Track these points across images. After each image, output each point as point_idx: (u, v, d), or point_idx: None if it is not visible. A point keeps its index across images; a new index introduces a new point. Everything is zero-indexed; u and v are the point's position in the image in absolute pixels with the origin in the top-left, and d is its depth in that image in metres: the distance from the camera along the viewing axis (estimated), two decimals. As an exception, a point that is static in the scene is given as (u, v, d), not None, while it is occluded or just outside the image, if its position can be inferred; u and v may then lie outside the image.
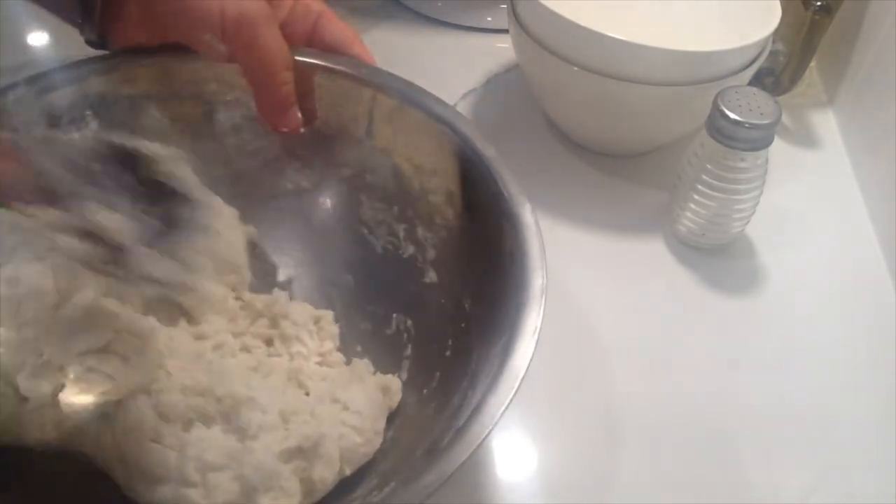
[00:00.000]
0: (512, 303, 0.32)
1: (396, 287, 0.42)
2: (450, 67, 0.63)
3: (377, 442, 0.37)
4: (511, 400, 0.29)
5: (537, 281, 0.33)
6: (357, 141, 0.42)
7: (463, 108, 0.59)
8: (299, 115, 0.40)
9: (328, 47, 0.41)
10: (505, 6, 0.54)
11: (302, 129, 0.40)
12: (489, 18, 0.66)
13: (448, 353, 0.38)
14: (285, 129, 0.40)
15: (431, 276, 0.41)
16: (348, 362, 0.40)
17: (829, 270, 0.50)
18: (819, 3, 0.53)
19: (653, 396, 0.43)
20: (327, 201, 0.44)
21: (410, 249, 0.42)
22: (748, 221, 0.49)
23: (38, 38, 0.58)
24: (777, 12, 0.49)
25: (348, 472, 0.36)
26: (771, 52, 0.52)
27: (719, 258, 0.50)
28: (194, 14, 0.37)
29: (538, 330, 0.31)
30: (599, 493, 0.39)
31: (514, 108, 0.60)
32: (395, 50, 0.64)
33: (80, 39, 0.40)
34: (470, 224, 0.39)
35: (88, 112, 0.39)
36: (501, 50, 0.63)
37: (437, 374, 0.38)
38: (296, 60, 0.39)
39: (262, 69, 0.38)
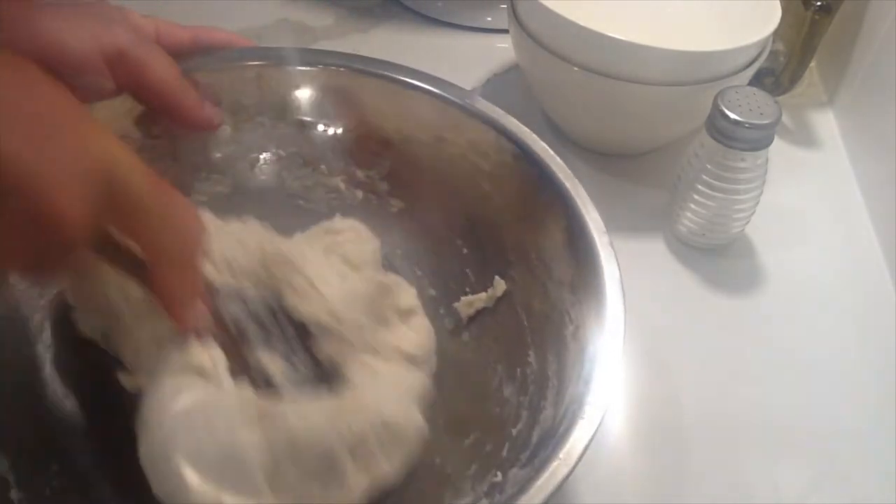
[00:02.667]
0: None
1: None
2: (450, 67, 0.62)
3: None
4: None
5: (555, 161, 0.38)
6: (253, 123, 0.42)
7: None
8: (215, 108, 0.40)
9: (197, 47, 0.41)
10: (505, 6, 0.54)
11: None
12: (489, 18, 0.66)
13: (465, 251, 0.41)
14: (216, 123, 0.40)
15: (397, 204, 0.43)
16: None
17: (829, 270, 0.50)
18: (819, 3, 0.53)
19: (652, 395, 0.43)
20: (249, 192, 0.43)
21: (359, 195, 0.43)
22: (748, 221, 0.49)
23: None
24: (777, 12, 0.49)
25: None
26: (771, 52, 0.52)
27: (719, 258, 0.50)
28: (66, 60, 0.34)
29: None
30: (599, 492, 0.39)
31: (514, 108, 0.59)
32: (395, 50, 0.64)
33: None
34: (418, 140, 0.41)
35: None
36: (501, 50, 0.63)
37: (468, 270, 0.40)
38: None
39: (162, 85, 0.37)
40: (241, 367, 0.34)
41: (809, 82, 0.62)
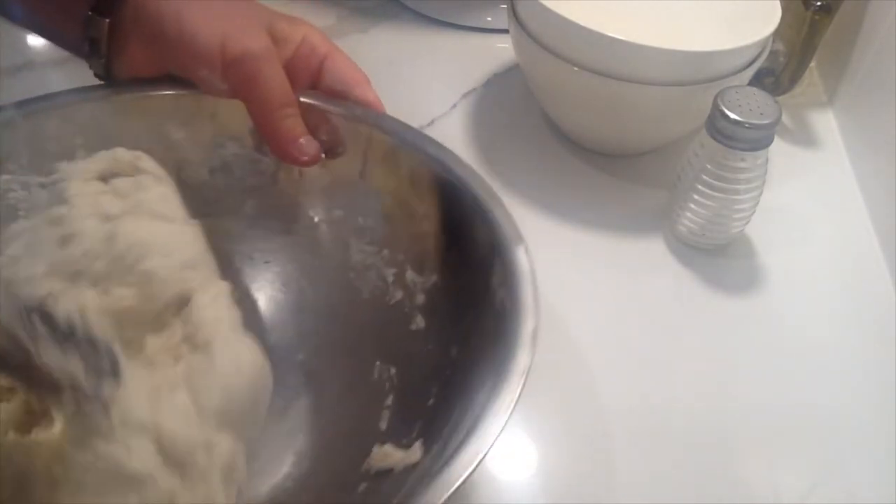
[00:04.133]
0: (499, 348, 0.31)
1: (381, 334, 0.41)
2: (450, 67, 0.63)
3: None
4: (490, 447, 0.28)
5: (528, 326, 0.31)
6: (350, 182, 0.41)
7: (463, 108, 0.59)
8: (313, 145, 0.38)
9: (333, 90, 0.40)
10: (505, 6, 0.54)
11: (323, 156, 0.39)
12: (489, 18, 0.66)
13: (431, 402, 0.36)
14: (303, 160, 0.38)
15: (419, 323, 0.39)
16: None
17: (829, 270, 0.50)
18: (819, 3, 0.53)
19: (652, 396, 0.43)
20: (315, 244, 0.43)
21: (398, 295, 0.40)
22: (748, 221, 0.49)
23: (38, 39, 0.58)
24: (777, 12, 0.49)
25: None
26: (771, 52, 0.52)
27: (719, 258, 0.50)
28: (193, 50, 0.37)
29: (526, 373, 0.29)
30: (599, 492, 0.39)
31: (514, 108, 0.60)
32: (395, 50, 0.64)
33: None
34: (462, 268, 0.37)
35: (79, 140, 0.38)
36: (501, 50, 0.63)
37: (419, 423, 0.36)
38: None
39: (263, 105, 0.37)
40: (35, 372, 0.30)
41: (809, 82, 0.63)
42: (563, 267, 0.46)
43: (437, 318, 0.39)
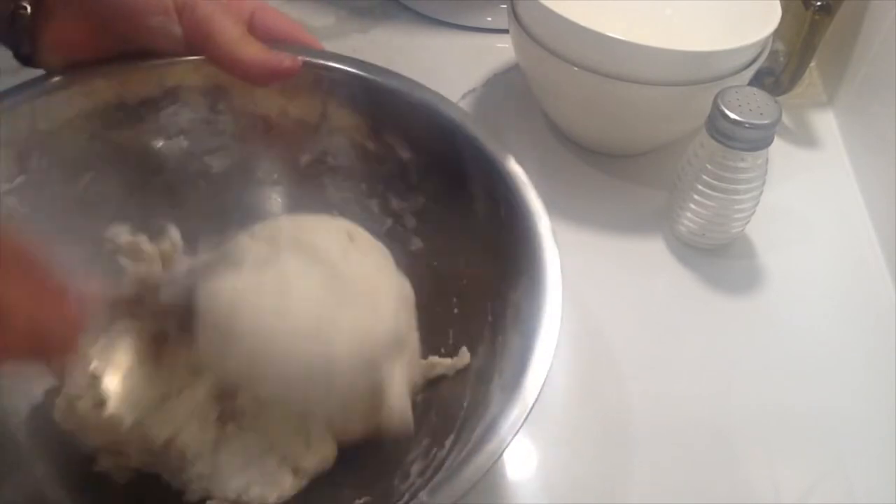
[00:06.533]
0: (518, 250, 0.33)
1: None
2: (450, 67, 0.63)
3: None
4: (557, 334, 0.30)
5: (542, 223, 0.33)
6: (312, 126, 0.42)
7: (463, 107, 0.59)
8: (284, 54, 0.38)
9: (271, 38, 0.40)
10: (505, 6, 0.54)
11: (301, 62, 0.39)
12: (489, 18, 0.66)
13: (456, 311, 0.38)
14: (285, 67, 0.38)
15: (417, 244, 0.41)
16: None
17: (829, 270, 0.50)
18: (819, 3, 0.53)
19: (652, 396, 0.43)
20: (292, 192, 0.43)
21: (389, 222, 0.42)
22: (748, 221, 0.49)
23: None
24: (777, 12, 0.49)
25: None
26: (771, 52, 0.52)
27: (719, 258, 0.50)
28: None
29: (559, 265, 0.31)
30: (599, 492, 0.39)
31: (514, 108, 0.60)
32: (395, 50, 0.64)
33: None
34: (449, 186, 0.39)
35: (32, 141, 0.37)
36: (501, 50, 0.63)
37: (451, 331, 0.38)
38: None
39: (225, 37, 0.37)
40: None
41: (809, 82, 0.62)
42: (562, 267, 0.45)
43: (436, 237, 0.40)
